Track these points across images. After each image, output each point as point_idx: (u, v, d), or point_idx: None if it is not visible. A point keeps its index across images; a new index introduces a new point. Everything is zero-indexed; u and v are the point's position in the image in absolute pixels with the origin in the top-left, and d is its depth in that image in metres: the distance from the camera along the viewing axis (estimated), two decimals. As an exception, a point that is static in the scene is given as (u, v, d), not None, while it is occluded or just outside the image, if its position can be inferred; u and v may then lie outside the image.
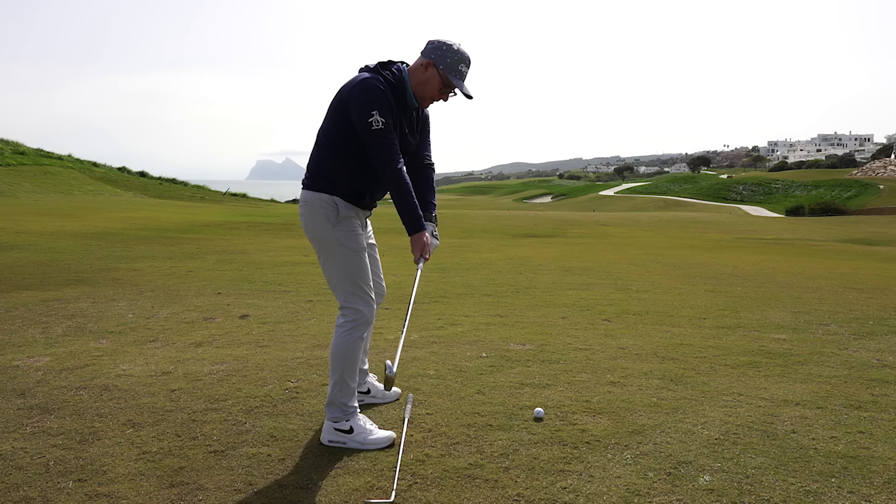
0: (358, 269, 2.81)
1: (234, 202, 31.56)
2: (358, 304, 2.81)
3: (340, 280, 2.80)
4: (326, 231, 2.77)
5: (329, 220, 2.77)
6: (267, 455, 2.68)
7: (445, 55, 2.73)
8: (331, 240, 2.78)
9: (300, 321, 5.16)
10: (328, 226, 2.77)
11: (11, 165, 28.85)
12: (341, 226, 2.78)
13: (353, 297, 2.80)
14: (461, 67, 2.75)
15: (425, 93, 2.80)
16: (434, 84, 2.77)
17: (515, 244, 14.36)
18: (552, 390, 3.48)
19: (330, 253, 2.80)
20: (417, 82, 2.78)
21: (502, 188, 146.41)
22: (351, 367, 2.80)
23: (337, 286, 2.82)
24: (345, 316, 2.81)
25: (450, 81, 2.76)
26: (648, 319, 5.39)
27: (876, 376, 3.79)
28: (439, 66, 2.74)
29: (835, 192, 72.61)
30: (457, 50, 2.74)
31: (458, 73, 2.75)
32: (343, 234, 2.78)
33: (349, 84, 2.74)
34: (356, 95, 2.67)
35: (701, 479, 2.47)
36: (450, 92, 2.82)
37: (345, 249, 2.78)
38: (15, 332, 4.66)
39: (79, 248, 10.14)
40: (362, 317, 2.81)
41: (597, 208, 63.29)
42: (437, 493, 2.37)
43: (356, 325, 2.80)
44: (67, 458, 2.61)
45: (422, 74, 2.77)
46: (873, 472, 2.55)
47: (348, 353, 2.78)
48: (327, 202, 2.76)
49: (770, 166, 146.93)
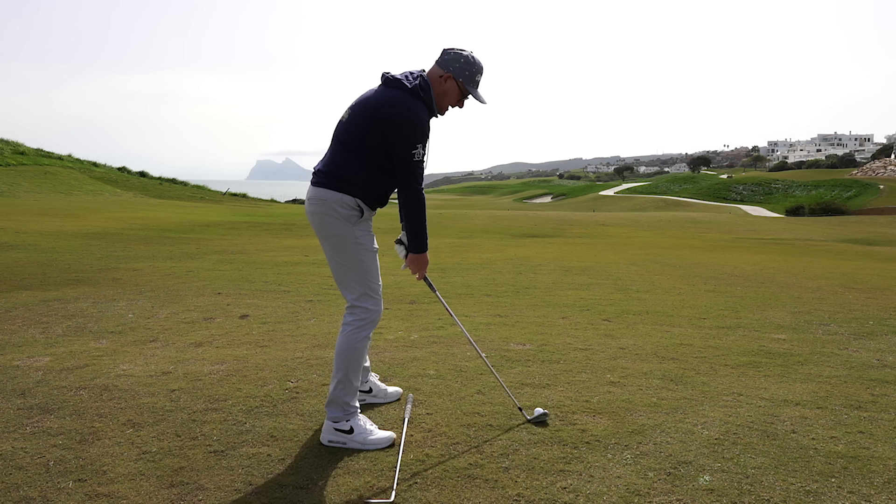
0: (372, 269, 2.85)
1: (234, 202, 31.56)
2: (368, 304, 2.84)
3: (355, 279, 2.82)
4: (345, 230, 2.79)
5: (349, 221, 2.79)
6: (267, 455, 2.68)
7: (464, 68, 2.82)
8: (349, 239, 2.79)
9: (300, 321, 5.16)
10: (347, 225, 2.79)
11: (11, 165, 28.84)
12: (361, 227, 2.83)
13: (364, 296, 2.83)
14: (478, 78, 2.87)
15: (444, 102, 2.89)
16: (453, 95, 2.87)
17: (515, 244, 14.36)
18: (552, 390, 3.48)
19: (346, 252, 2.81)
20: (437, 93, 2.86)
21: (502, 188, 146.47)
22: (356, 365, 2.82)
23: (350, 285, 2.83)
24: (354, 314, 2.83)
25: (468, 92, 2.87)
26: (648, 319, 5.39)
27: (876, 376, 3.79)
28: (458, 78, 2.83)
29: (835, 192, 72.62)
30: (474, 62, 2.84)
31: (474, 84, 2.87)
32: (361, 234, 2.82)
33: (390, 104, 2.73)
34: (406, 123, 2.70)
35: (701, 479, 2.47)
36: (465, 99, 2.93)
37: (362, 249, 2.82)
38: (15, 332, 4.66)
39: (79, 248, 10.14)
40: (371, 316, 2.84)
41: (597, 208, 63.30)
42: (437, 493, 2.37)
43: (365, 324, 2.83)
44: (67, 458, 2.61)
45: (441, 86, 2.84)
46: (873, 472, 2.55)
47: (354, 352, 2.80)
48: (350, 204, 2.78)
49: (770, 166, 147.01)
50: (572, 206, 76.87)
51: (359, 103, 2.81)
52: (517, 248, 12.85)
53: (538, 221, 25.00)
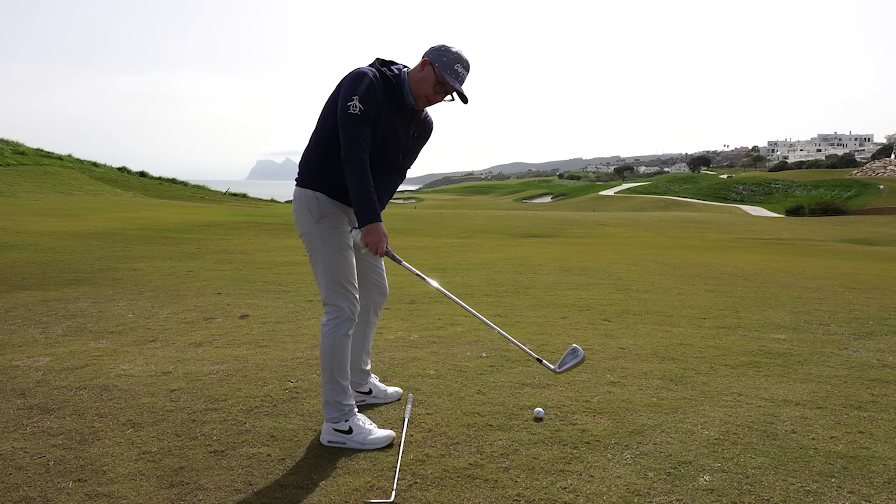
0: (340, 267, 2.80)
1: (234, 202, 31.56)
2: (339, 301, 2.80)
3: (324, 276, 2.81)
4: (311, 227, 2.80)
5: (312, 216, 2.78)
6: (267, 455, 2.67)
7: (442, 54, 2.75)
8: (314, 236, 2.80)
9: (300, 321, 5.16)
10: (312, 222, 2.79)
11: (11, 165, 28.85)
12: (324, 222, 2.79)
13: (334, 293, 2.81)
14: (457, 67, 2.74)
15: (420, 90, 2.78)
16: (429, 81, 2.75)
17: (515, 244, 14.36)
18: (552, 390, 3.48)
19: (314, 249, 2.82)
20: (414, 80, 2.79)
21: (502, 188, 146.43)
22: (340, 365, 2.80)
23: (320, 282, 2.84)
24: (328, 314, 2.83)
25: (444, 79, 2.73)
26: (648, 319, 5.39)
27: (876, 376, 3.79)
28: (435, 63, 2.73)
29: (835, 192, 72.61)
30: (454, 51, 2.75)
31: (453, 73, 2.74)
32: (326, 231, 2.79)
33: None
34: (346, 82, 2.70)
35: (701, 479, 2.47)
36: (445, 92, 2.79)
37: (327, 246, 2.79)
38: (15, 332, 4.66)
39: (79, 248, 10.14)
40: (343, 314, 2.80)
41: (597, 208, 63.29)
42: (437, 493, 2.37)
43: (339, 323, 2.80)
44: (67, 458, 2.61)
45: (418, 73, 2.78)
46: (873, 472, 2.55)
47: (335, 351, 2.78)
48: (310, 197, 2.79)
49: (770, 166, 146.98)
50: (572, 206, 76.86)
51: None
52: (517, 249, 12.85)
53: (538, 221, 25.00)
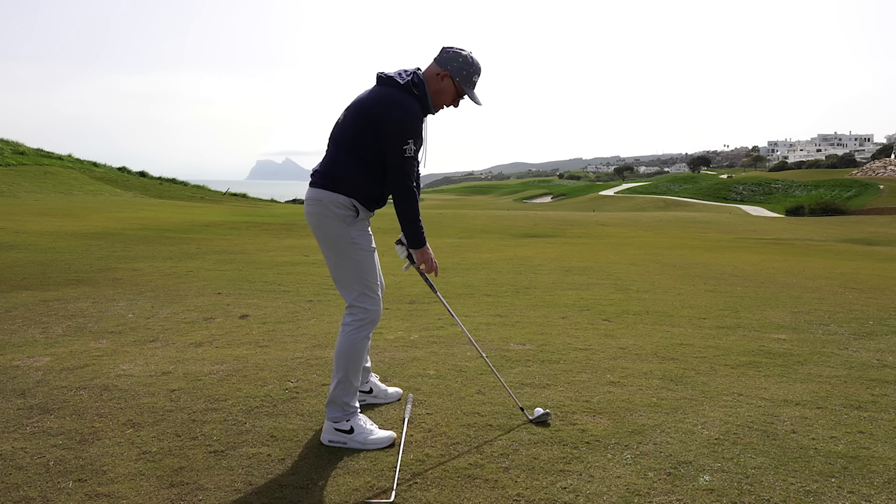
0: (370, 269, 2.85)
1: (234, 202, 31.56)
2: (367, 304, 2.83)
3: (353, 279, 2.82)
4: (341, 231, 2.79)
5: (345, 221, 2.80)
6: (267, 455, 2.68)
7: (462, 67, 2.82)
8: (345, 239, 2.80)
9: (300, 321, 5.16)
10: (343, 226, 2.79)
11: (11, 165, 28.84)
12: (357, 226, 2.82)
13: (363, 296, 2.83)
14: (475, 79, 2.87)
15: (439, 100, 2.89)
16: (449, 94, 2.87)
17: (515, 244, 14.36)
18: (552, 390, 3.48)
19: (343, 252, 2.81)
20: (433, 91, 2.86)
21: (502, 188, 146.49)
22: (356, 366, 2.82)
23: (349, 285, 2.84)
24: (353, 315, 2.83)
25: (464, 92, 2.86)
26: (648, 319, 5.39)
27: (876, 376, 3.79)
28: (455, 77, 2.82)
29: (835, 192, 72.61)
30: (472, 62, 2.83)
31: (471, 85, 2.86)
32: (358, 234, 2.82)
33: (381, 101, 2.75)
34: (396, 120, 2.71)
35: (701, 479, 2.47)
36: (461, 99, 2.92)
37: (358, 248, 2.82)
38: (15, 332, 4.66)
39: (79, 248, 10.13)
40: (370, 316, 2.84)
41: (597, 208, 63.30)
42: (437, 493, 2.37)
43: (364, 325, 2.83)
44: (67, 458, 2.61)
45: (437, 84, 2.84)
46: (873, 472, 2.55)
47: (354, 352, 2.80)
48: (345, 204, 2.78)
49: (770, 166, 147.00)
50: (572, 206, 76.87)
51: (353, 104, 2.83)
52: (517, 248, 12.85)
53: (538, 221, 25.00)
